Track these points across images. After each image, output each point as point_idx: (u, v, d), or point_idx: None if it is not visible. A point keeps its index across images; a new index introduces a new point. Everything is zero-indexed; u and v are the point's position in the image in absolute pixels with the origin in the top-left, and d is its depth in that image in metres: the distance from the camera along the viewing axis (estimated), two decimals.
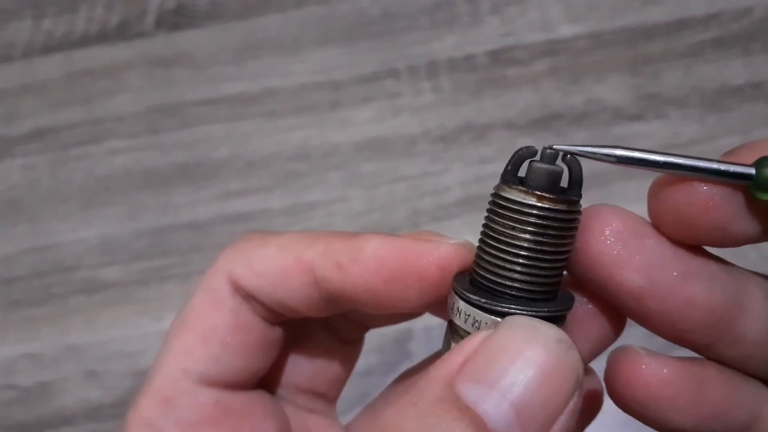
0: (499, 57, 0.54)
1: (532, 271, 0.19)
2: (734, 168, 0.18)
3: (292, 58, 0.55)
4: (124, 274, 0.51)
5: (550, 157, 0.20)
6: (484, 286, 0.20)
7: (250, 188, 0.52)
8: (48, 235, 0.52)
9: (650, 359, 0.20)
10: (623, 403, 0.20)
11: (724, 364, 0.21)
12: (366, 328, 0.28)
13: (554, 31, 0.54)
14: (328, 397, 0.28)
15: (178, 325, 0.24)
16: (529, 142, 0.20)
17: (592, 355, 0.22)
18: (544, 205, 0.19)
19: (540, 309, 0.19)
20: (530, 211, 0.19)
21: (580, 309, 0.22)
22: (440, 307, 0.22)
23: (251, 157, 0.53)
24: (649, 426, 0.21)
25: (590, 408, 0.24)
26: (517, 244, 0.19)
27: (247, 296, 0.24)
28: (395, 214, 0.51)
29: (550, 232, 0.19)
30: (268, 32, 0.56)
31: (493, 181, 0.20)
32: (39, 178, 0.54)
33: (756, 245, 0.20)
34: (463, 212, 0.50)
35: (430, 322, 0.46)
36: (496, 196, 0.20)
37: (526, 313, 0.19)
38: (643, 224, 0.20)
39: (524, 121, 0.52)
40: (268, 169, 0.52)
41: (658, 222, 0.20)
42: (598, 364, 0.22)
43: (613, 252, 0.20)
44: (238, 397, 0.24)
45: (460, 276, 0.21)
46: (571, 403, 0.18)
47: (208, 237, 0.51)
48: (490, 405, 0.17)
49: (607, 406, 0.24)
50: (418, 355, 0.47)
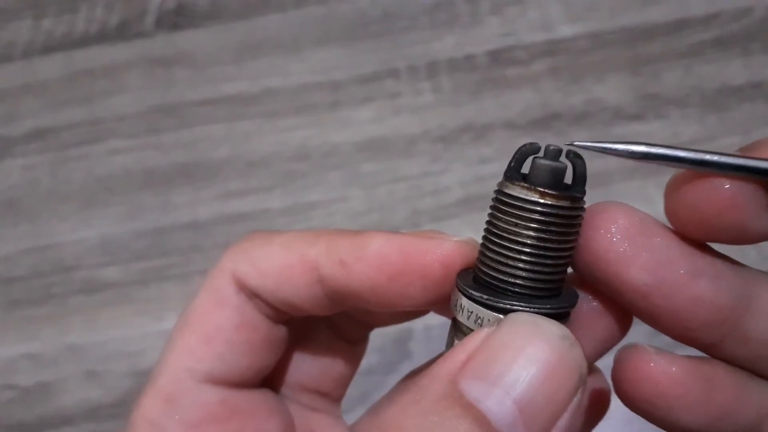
0: (499, 57, 0.54)
1: (536, 268, 0.19)
2: (762, 164, 0.18)
3: (292, 58, 0.55)
4: (124, 274, 0.51)
5: (554, 154, 0.19)
6: (488, 283, 0.20)
7: (250, 188, 0.52)
8: (48, 235, 0.52)
9: (659, 357, 0.20)
10: (630, 401, 0.20)
11: (732, 363, 0.20)
12: (370, 327, 0.28)
13: (554, 31, 0.54)
14: (333, 397, 0.28)
15: (182, 324, 0.24)
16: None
17: (598, 353, 0.22)
18: (547, 202, 0.19)
19: (543, 306, 0.19)
20: (533, 208, 0.19)
21: (586, 307, 0.21)
22: (444, 305, 0.22)
23: (251, 157, 0.53)
24: (657, 425, 0.20)
25: (598, 408, 0.24)
26: (521, 240, 0.19)
27: (251, 295, 0.24)
28: (395, 214, 0.51)
29: (554, 229, 0.19)
30: (268, 32, 0.56)
31: (493, 181, 0.20)
32: (39, 178, 0.54)
33: (756, 244, 0.20)
34: (463, 212, 0.50)
35: (431, 322, 0.46)
36: (500, 192, 0.20)
37: (529, 309, 0.19)
38: (650, 221, 0.20)
39: (524, 121, 0.52)
40: (268, 169, 0.52)
41: (675, 219, 0.20)
42: (605, 363, 0.22)
43: (620, 249, 0.19)
44: (242, 395, 0.24)
45: (464, 273, 0.21)
46: (575, 400, 0.18)
47: (208, 237, 0.51)
48: (493, 402, 0.17)
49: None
50: (419, 355, 0.47)
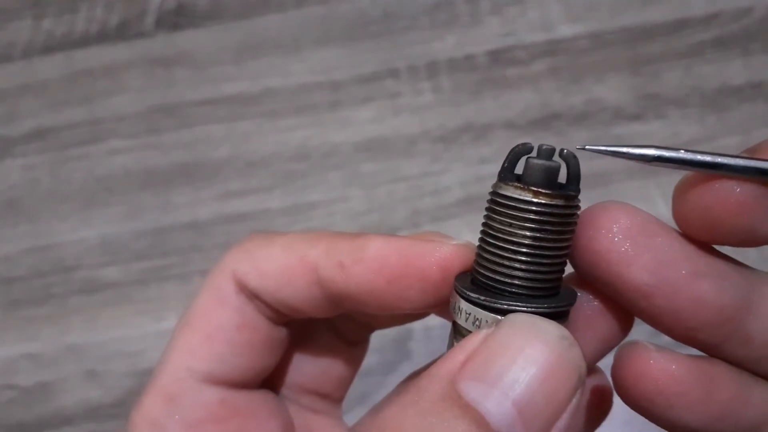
0: (499, 57, 0.54)
1: (532, 268, 0.19)
2: None
3: (292, 58, 0.55)
4: (124, 274, 0.51)
5: (547, 153, 0.20)
6: (485, 284, 0.20)
7: (250, 188, 0.52)
8: (48, 235, 0.52)
9: (659, 355, 0.20)
10: (630, 399, 0.20)
11: (733, 364, 0.20)
12: (371, 329, 0.28)
13: (554, 31, 0.54)
14: (333, 398, 0.28)
15: (183, 324, 0.24)
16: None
17: (599, 353, 0.22)
18: (541, 201, 0.19)
19: (541, 305, 0.19)
20: (528, 207, 0.19)
21: (587, 307, 0.21)
22: (444, 307, 0.22)
23: (251, 157, 0.53)
24: (656, 423, 0.20)
25: (600, 408, 0.24)
26: (516, 240, 0.19)
27: (252, 295, 0.24)
28: (395, 214, 0.51)
29: (549, 228, 0.19)
30: (268, 32, 0.56)
31: (493, 181, 0.20)
32: (39, 178, 0.54)
33: None
34: (463, 212, 0.50)
35: (431, 323, 0.46)
36: (494, 193, 0.20)
37: (526, 309, 0.19)
38: (652, 221, 0.20)
39: (524, 121, 0.52)
40: (268, 169, 0.52)
41: (683, 222, 0.20)
42: (606, 363, 0.22)
43: (621, 249, 0.19)
44: (242, 396, 0.24)
45: (462, 276, 0.21)
46: (574, 401, 0.18)
47: (208, 237, 0.51)
48: (492, 403, 0.17)
49: None
50: (418, 355, 0.47)
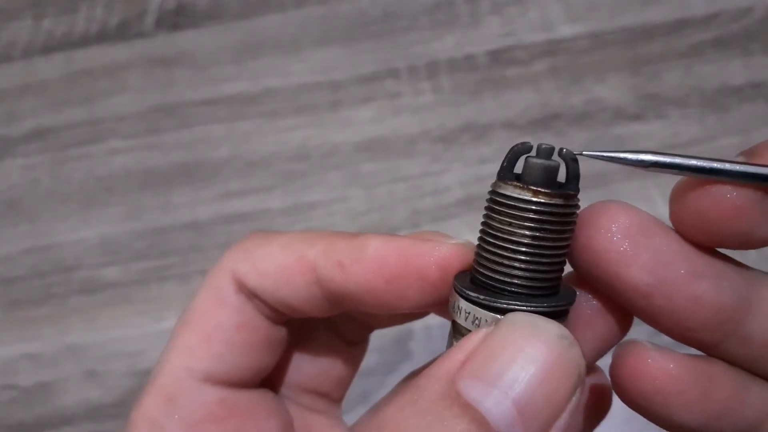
0: (499, 57, 0.54)
1: (531, 267, 0.19)
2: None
3: (292, 58, 0.55)
4: (124, 274, 0.51)
5: (546, 153, 0.20)
6: (484, 283, 0.20)
7: (250, 188, 0.52)
8: (48, 235, 0.52)
9: (657, 354, 0.20)
10: (628, 398, 0.20)
11: (732, 363, 0.20)
12: (370, 329, 0.28)
13: (554, 31, 0.54)
14: (332, 398, 0.28)
15: (182, 323, 0.24)
16: None
17: (598, 353, 0.22)
18: (540, 200, 0.19)
19: (540, 304, 0.19)
20: (527, 207, 0.19)
21: (586, 306, 0.21)
22: (443, 307, 0.22)
23: (251, 157, 0.53)
24: (654, 422, 0.20)
25: (599, 407, 0.24)
26: (515, 240, 0.19)
27: (251, 295, 0.24)
28: (395, 214, 0.50)
29: (548, 227, 0.19)
30: (268, 32, 0.56)
31: (493, 181, 0.20)
32: (39, 178, 0.54)
33: None
34: (463, 212, 0.50)
35: (431, 322, 0.46)
36: (493, 192, 0.20)
37: (526, 308, 0.19)
38: (651, 221, 0.20)
39: (524, 121, 0.52)
40: (268, 169, 0.52)
41: (680, 226, 0.20)
42: (605, 362, 0.22)
43: (620, 248, 0.19)
44: (242, 395, 0.24)
45: (461, 275, 0.21)
46: (573, 400, 0.18)
47: (208, 237, 0.51)
48: (492, 403, 0.17)
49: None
50: (419, 355, 0.47)
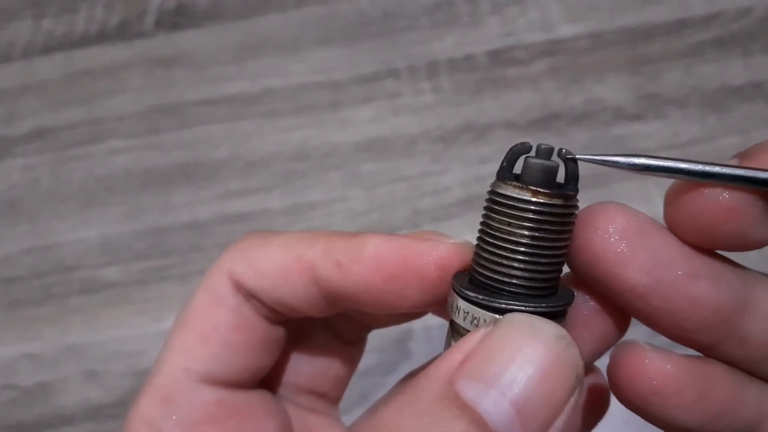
0: (499, 57, 0.54)
1: (530, 267, 0.19)
2: (761, 174, 0.18)
3: (292, 58, 0.55)
4: (124, 274, 0.51)
5: (545, 153, 0.20)
6: (483, 283, 0.20)
7: (250, 188, 0.52)
8: (48, 235, 0.52)
9: (654, 354, 0.20)
10: (626, 399, 0.20)
11: (729, 364, 0.20)
12: (368, 329, 0.28)
13: (554, 31, 0.54)
14: (330, 398, 0.28)
15: (180, 323, 0.24)
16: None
17: (596, 353, 0.22)
18: (539, 200, 0.19)
19: (539, 304, 0.19)
20: (526, 207, 0.19)
21: (584, 307, 0.21)
22: (441, 307, 0.22)
23: (251, 157, 0.53)
24: (652, 423, 0.20)
25: (597, 408, 0.24)
26: (514, 240, 0.19)
27: (249, 295, 0.24)
28: (395, 214, 0.50)
29: (547, 227, 0.19)
30: (268, 32, 0.56)
31: (492, 181, 0.20)
32: (39, 178, 0.54)
33: None
34: (463, 212, 0.50)
35: (430, 322, 0.46)
36: (492, 192, 0.20)
37: (524, 308, 0.19)
38: (648, 222, 0.20)
39: (524, 121, 0.52)
40: (268, 169, 0.52)
41: (675, 228, 0.20)
42: (603, 363, 0.22)
43: (617, 249, 0.19)
44: (239, 396, 0.24)
45: (460, 275, 0.21)
46: (572, 400, 0.18)
47: (208, 237, 0.51)
48: (490, 403, 0.17)
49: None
50: (418, 355, 0.47)
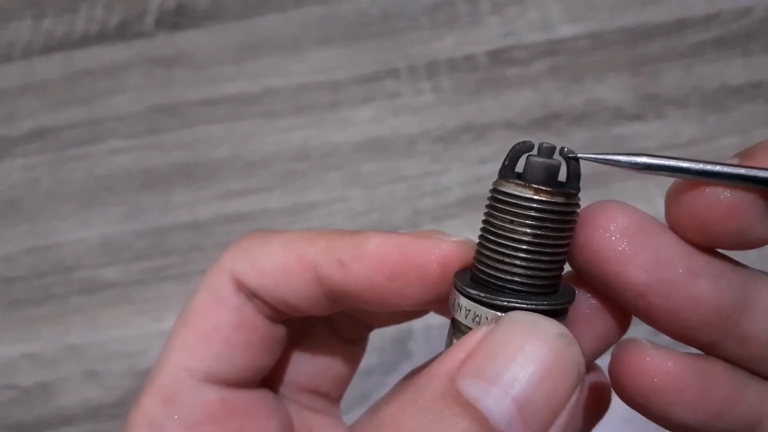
0: (499, 57, 0.54)
1: (532, 265, 0.19)
2: (762, 173, 0.18)
3: (292, 58, 0.55)
4: (124, 274, 0.51)
5: (547, 151, 0.20)
6: (485, 281, 0.20)
7: (250, 188, 0.52)
8: (48, 235, 0.52)
9: (655, 352, 0.20)
10: (627, 396, 0.20)
11: (730, 362, 0.20)
12: (370, 328, 0.28)
13: (554, 31, 0.54)
14: (332, 397, 0.28)
15: (181, 323, 0.24)
16: None
17: (597, 352, 0.22)
18: (541, 198, 0.19)
19: (540, 302, 0.19)
20: (528, 205, 0.19)
21: (585, 305, 0.21)
22: (443, 305, 0.22)
23: (251, 157, 0.53)
24: (653, 421, 0.20)
25: (598, 406, 0.24)
26: (516, 237, 0.19)
27: (250, 294, 0.24)
28: (395, 214, 0.50)
29: (549, 225, 0.19)
30: (268, 32, 0.56)
31: (494, 180, 0.20)
32: (39, 178, 0.54)
33: None
34: (463, 212, 0.50)
35: (431, 322, 0.46)
36: (494, 190, 0.20)
37: (525, 306, 0.19)
38: (649, 220, 0.20)
39: (524, 121, 0.52)
40: (268, 169, 0.52)
41: (676, 227, 0.20)
42: (604, 361, 0.22)
43: (618, 248, 0.19)
44: (241, 395, 0.24)
45: (462, 273, 0.21)
46: (573, 398, 0.18)
47: (208, 237, 0.51)
48: (492, 401, 0.17)
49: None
50: (419, 355, 0.47)
